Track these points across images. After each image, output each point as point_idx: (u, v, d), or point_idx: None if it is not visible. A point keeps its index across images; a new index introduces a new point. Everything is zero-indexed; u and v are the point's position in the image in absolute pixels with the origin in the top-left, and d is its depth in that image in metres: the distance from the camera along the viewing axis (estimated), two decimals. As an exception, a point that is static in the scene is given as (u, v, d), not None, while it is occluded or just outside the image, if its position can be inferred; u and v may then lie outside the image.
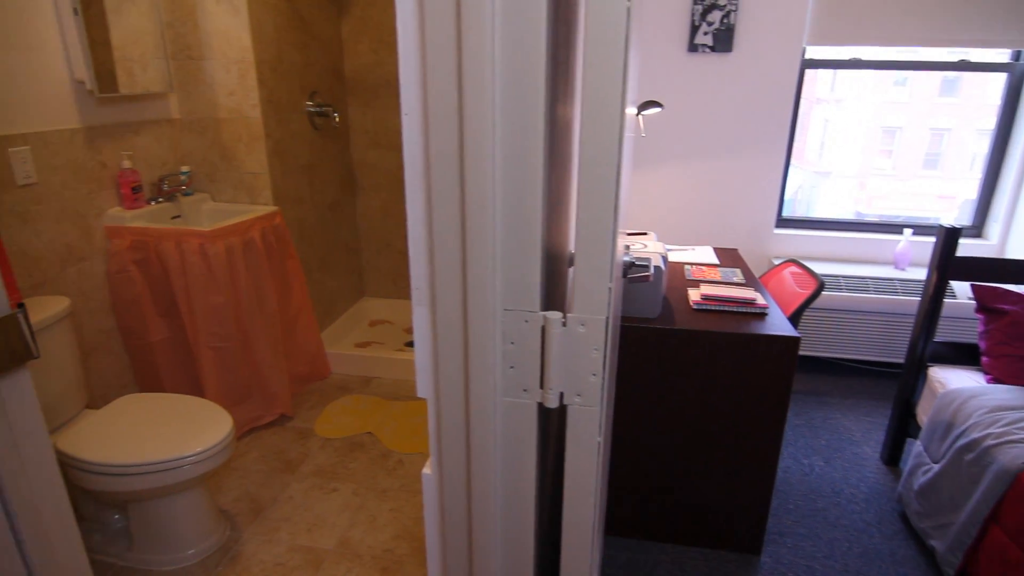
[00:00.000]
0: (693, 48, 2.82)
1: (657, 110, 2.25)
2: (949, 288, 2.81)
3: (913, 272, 2.92)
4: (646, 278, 1.62)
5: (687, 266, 2.22)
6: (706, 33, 2.78)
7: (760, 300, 1.82)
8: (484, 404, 0.77)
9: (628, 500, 1.90)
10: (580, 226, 0.69)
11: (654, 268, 1.70)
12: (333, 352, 2.97)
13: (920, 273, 2.90)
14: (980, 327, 2.09)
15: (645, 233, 2.12)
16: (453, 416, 0.79)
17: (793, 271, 2.26)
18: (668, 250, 2.42)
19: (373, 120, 3.29)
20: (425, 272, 0.77)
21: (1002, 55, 2.89)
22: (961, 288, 2.83)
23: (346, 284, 3.46)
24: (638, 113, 2.39)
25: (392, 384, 2.90)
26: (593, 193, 0.68)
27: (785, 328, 1.69)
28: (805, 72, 2.92)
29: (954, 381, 2.04)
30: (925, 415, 2.09)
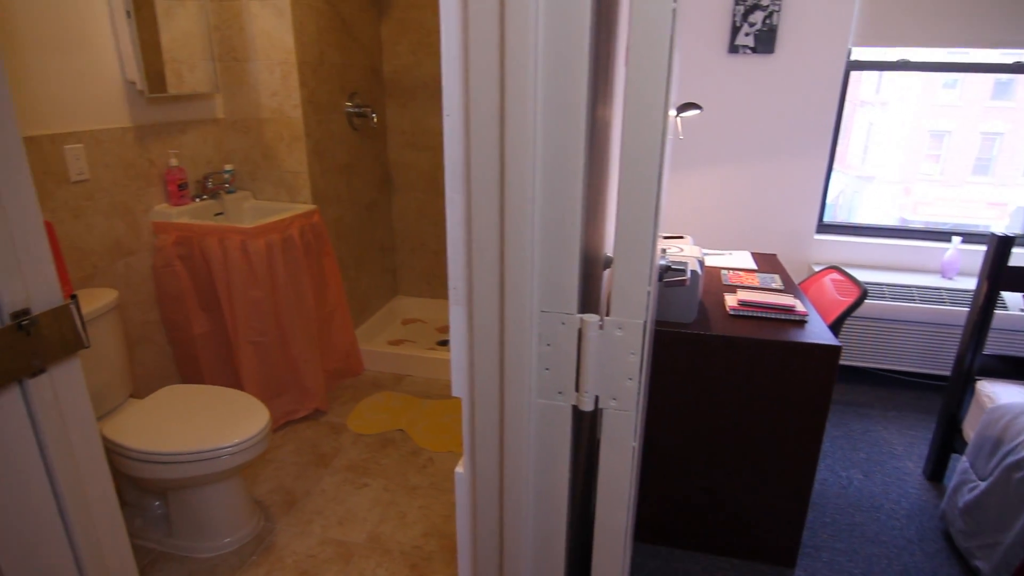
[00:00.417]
0: (734, 49, 2.77)
1: (696, 112, 2.22)
2: (1000, 298, 2.70)
3: (961, 281, 2.82)
4: (682, 282, 1.60)
5: (724, 271, 2.18)
6: (747, 34, 2.74)
7: (799, 307, 1.78)
8: (519, 405, 0.77)
9: (658, 506, 1.88)
10: (620, 229, 0.69)
11: (690, 272, 1.67)
12: (367, 349, 3.01)
13: (969, 283, 2.79)
14: (1033, 340, 2.00)
15: (681, 237, 2.09)
16: (488, 416, 0.79)
17: (834, 278, 2.20)
18: (705, 254, 2.38)
19: (410, 121, 3.33)
20: (463, 272, 0.78)
21: (1062, 57, 2.76)
22: (1013, 299, 2.72)
23: (380, 282, 3.50)
24: (677, 115, 2.36)
25: (424, 382, 2.93)
26: (634, 196, 0.67)
27: (825, 336, 1.65)
28: (850, 74, 2.85)
29: (1004, 396, 1.96)
30: (972, 430, 2.01)
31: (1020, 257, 2.86)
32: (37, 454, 0.97)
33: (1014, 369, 2.12)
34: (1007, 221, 3.45)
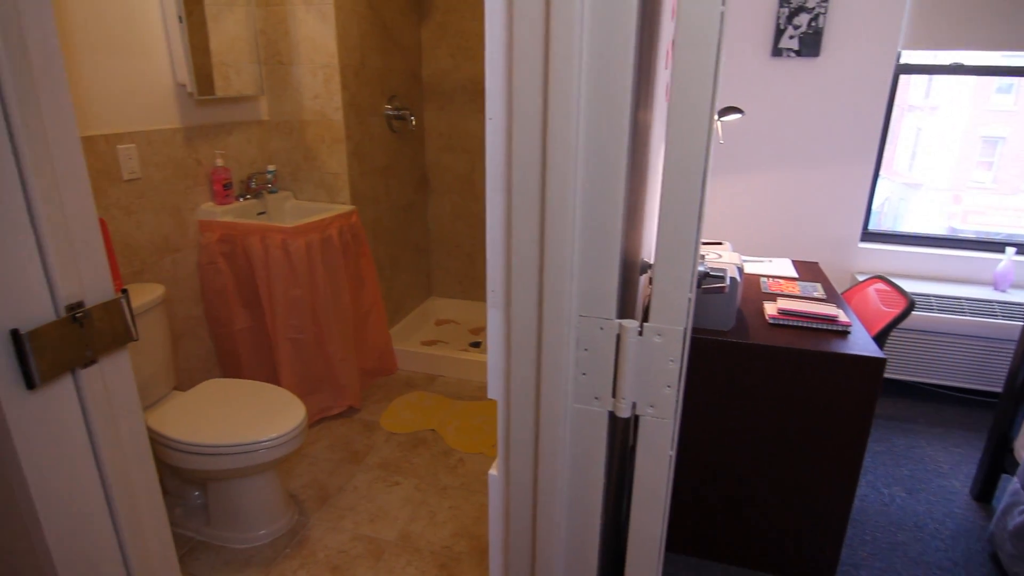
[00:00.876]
0: (777, 52, 2.71)
1: (737, 116, 2.18)
2: (1057, 313, 2.58)
3: (1015, 294, 2.70)
4: (721, 289, 1.57)
5: (763, 278, 2.14)
6: (792, 37, 2.68)
7: (842, 317, 1.73)
8: (555, 409, 0.76)
9: (691, 516, 1.85)
10: (662, 234, 0.68)
11: (729, 279, 1.64)
12: (400, 349, 3.04)
13: (1022, 295, 2.67)
14: (1093, 358, 1.90)
15: (720, 243, 2.06)
16: (523, 419, 0.79)
17: (879, 288, 2.14)
18: (744, 261, 2.34)
19: (448, 123, 3.35)
20: (501, 275, 0.78)
21: None
22: (1071, 314, 2.60)
23: (415, 283, 3.54)
24: (718, 119, 2.32)
25: (456, 383, 2.94)
26: (677, 201, 0.66)
27: (870, 348, 1.60)
28: (899, 78, 2.76)
29: (1060, 415, 1.87)
30: (1025, 450, 1.93)
31: (1080, 270, 2.73)
32: (87, 441, 1.01)
33: (1072, 387, 2.02)
34: (1066, 232, 3.28)
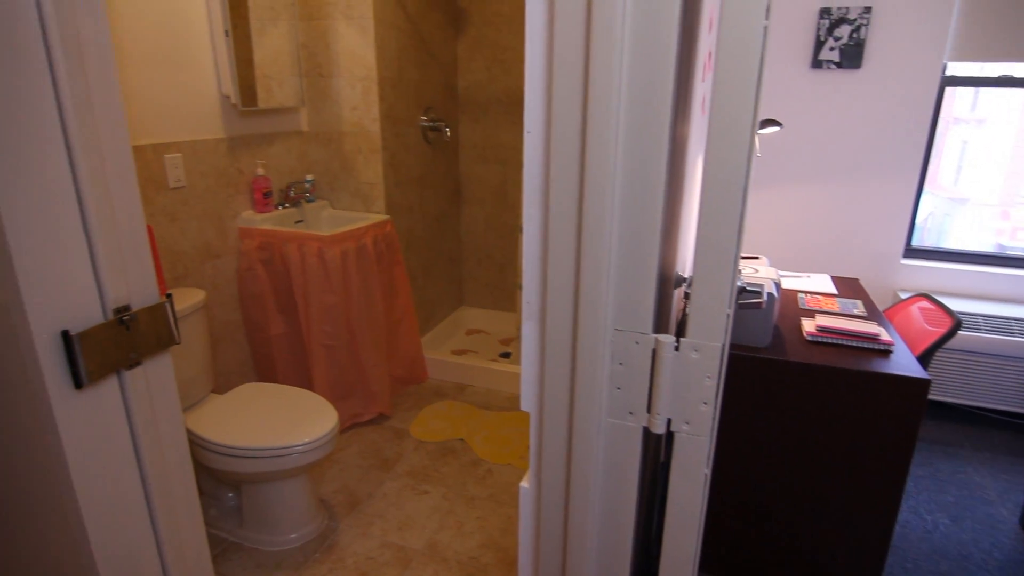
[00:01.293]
0: (817, 64, 2.67)
1: (775, 129, 2.15)
2: (1115, 336, 2.46)
3: (1069, 315, 2.58)
4: (758, 305, 1.55)
5: (801, 294, 2.09)
6: (832, 48, 2.63)
7: (884, 336, 1.68)
8: (588, 423, 0.76)
9: (724, 536, 1.81)
10: (700, 249, 0.67)
11: (767, 295, 1.61)
12: (431, 357, 3.06)
13: (1078, 317, 2.56)
14: None
15: (757, 257, 2.02)
16: (556, 432, 0.79)
17: (923, 306, 2.07)
18: (781, 276, 2.29)
19: (482, 135, 3.38)
20: (537, 287, 0.78)
21: None
22: None
23: (446, 293, 3.56)
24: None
25: (485, 393, 2.94)
26: (716, 215, 0.66)
27: (913, 369, 1.55)
28: (944, 90, 2.68)
29: (1120, 444, 1.77)
30: (1080, 479, 1.83)
31: None
32: (129, 440, 1.04)
33: None
34: (1124, 251, 3.14)
